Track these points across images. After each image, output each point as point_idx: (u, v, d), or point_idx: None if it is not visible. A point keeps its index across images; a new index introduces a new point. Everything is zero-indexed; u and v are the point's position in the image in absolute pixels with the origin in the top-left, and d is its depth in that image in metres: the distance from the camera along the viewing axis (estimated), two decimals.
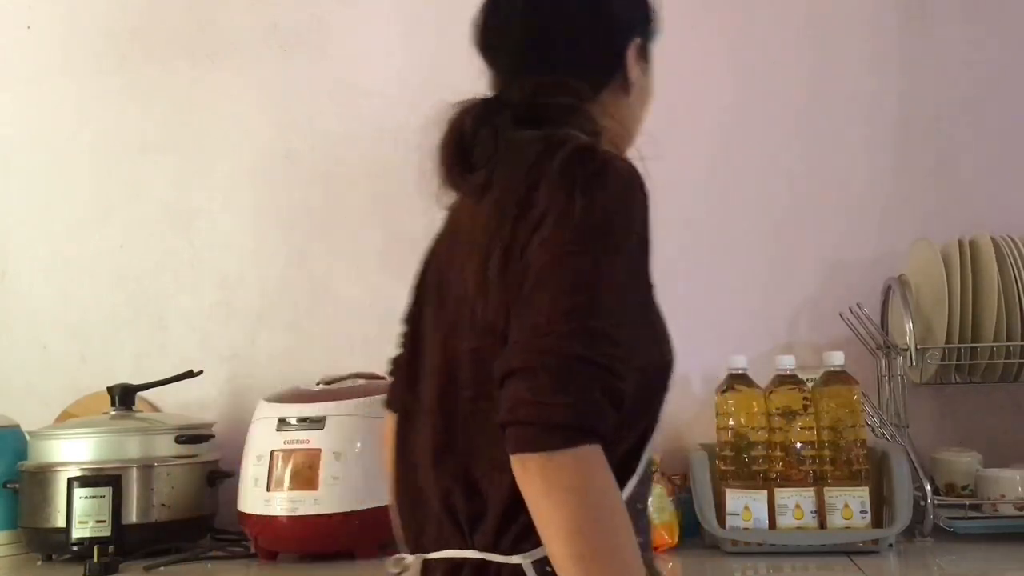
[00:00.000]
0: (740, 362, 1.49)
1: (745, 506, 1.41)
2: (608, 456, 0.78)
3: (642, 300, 0.91)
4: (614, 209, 0.87)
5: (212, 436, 1.68)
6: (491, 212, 0.90)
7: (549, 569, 0.78)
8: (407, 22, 1.91)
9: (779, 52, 1.76)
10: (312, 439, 1.45)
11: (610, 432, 0.78)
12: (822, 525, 1.39)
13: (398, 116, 1.88)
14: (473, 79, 1.97)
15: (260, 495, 1.44)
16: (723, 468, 1.45)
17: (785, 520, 1.39)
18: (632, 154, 1.00)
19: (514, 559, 0.82)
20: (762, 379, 1.49)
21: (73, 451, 1.56)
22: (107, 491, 1.51)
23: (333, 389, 1.55)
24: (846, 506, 1.38)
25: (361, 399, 1.50)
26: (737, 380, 1.48)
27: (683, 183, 1.77)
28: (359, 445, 1.45)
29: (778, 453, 1.43)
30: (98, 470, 1.53)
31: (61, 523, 1.50)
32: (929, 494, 1.41)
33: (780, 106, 1.75)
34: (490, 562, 0.84)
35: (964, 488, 1.49)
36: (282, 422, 1.48)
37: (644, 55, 1.01)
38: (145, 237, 1.96)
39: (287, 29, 1.95)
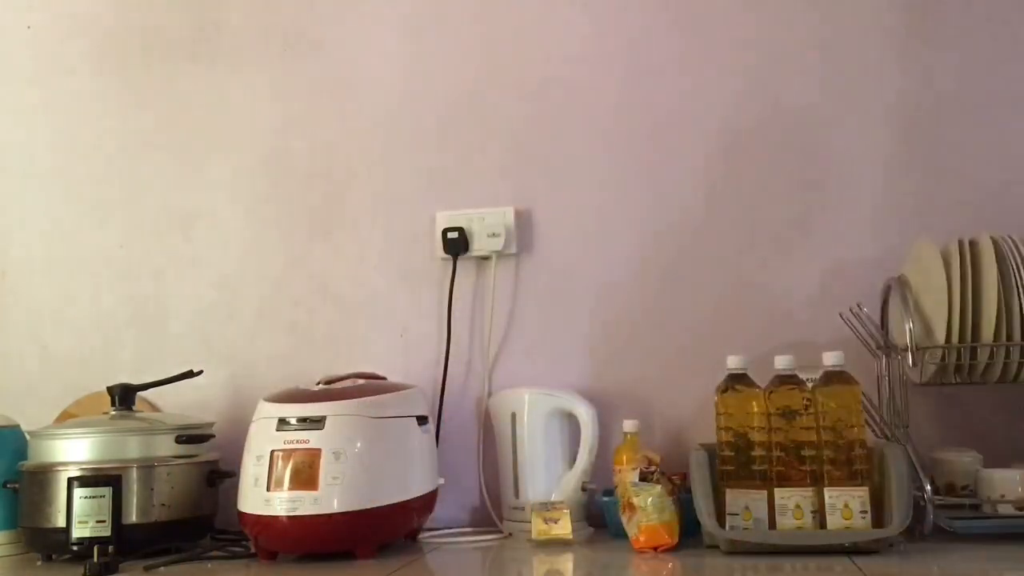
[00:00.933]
0: (740, 362, 1.49)
1: (745, 506, 1.41)
2: None
3: None
4: None
5: (212, 436, 1.68)
6: None
7: None
8: (408, 22, 1.91)
9: (781, 52, 1.76)
10: (312, 439, 1.44)
11: None
12: (822, 525, 1.39)
13: (398, 116, 1.90)
14: (473, 78, 1.99)
15: (260, 495, 1.44)
16: (723, 468, 1.45)
17: (785, 520, 1.39)
18: None
19: None
20: (762, 379, 1.48)
21: (73, 451, 1.56)
22: (107, 491, 1.51)
23: (333, 389, 1.55)
24: (846, 506, 1.38)
25: (361, 399, 1.50)
26: (737, 380, 1.48)
27: (683, 183, 1.78)
28: (359, 445, 1.45)
29: (778, 453, 1.43)
30: (98, 470, 1.53)
31: (61, 523, 1.50)
32: (929, 494, 1.41)
33: (780, 106, 1.75)
34: None
35: (964, 488, 1.49)
36: (282, 422, 1.47)
37: None
38: (145, 237, 1.97)
39: (287, 29, 1.95)
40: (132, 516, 1.53)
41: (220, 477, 1.65)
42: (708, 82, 1.78)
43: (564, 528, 1.51)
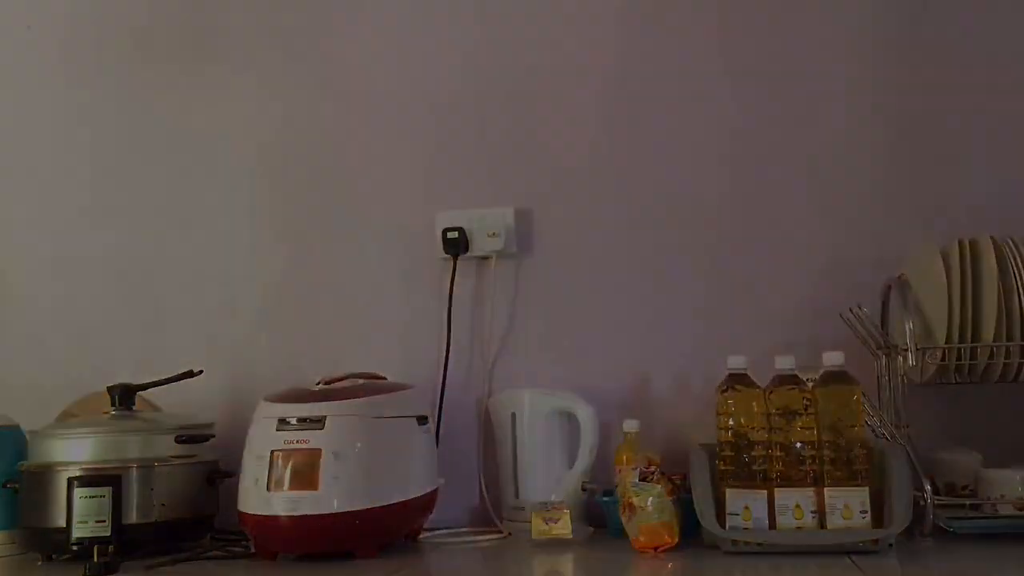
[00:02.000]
0: (740, 362, 1.49)
1: (745, 506, 1.41)
2: None
3: None
4: None
5: (212, 436, 1.68)
6: None
7: None
8: (407, 22, 1.91)
9: (779, 50, 1.76)
10: (312, 439, 1.44)
11: None
12: (822, 525, 1.39)
13: (398, 116, 1.90)
14: (473, 78, 1.99)
15: (260, 495, 1.44)
16: (723, 468, 1.45)
17: (785, 520, 1.39)
18: None
19: None
20: (762, 379, 1.48)
21: (73, 451, 1.55)
22: (107, 491, 1.50)
23: (333, 389, 1.55)
24: (846, 506, 1.38)
25: (361, 399, 1.50)
26: (737, 380, 1.48)
27: (682, 183, 1.78)
28: (359, 445, 1.45)
29: (778, 453, 1.43)
30: (98, 470, 1.53)
31: (61, 523, 1.50)
32: (929, 494, 1.40)
33: (780, 105, 1.75)
34: None
35: (964, 488, 1.49)
36: (282, 422, 1.47)
37: None
38: (145, 237, 1.97)
39: (287, 29, 1.95)
40: (132, 516, 1.52)
41: (220, 477, 1.65)
42: (707, 84, 1.78)
43: (564, 528, 1.51)
